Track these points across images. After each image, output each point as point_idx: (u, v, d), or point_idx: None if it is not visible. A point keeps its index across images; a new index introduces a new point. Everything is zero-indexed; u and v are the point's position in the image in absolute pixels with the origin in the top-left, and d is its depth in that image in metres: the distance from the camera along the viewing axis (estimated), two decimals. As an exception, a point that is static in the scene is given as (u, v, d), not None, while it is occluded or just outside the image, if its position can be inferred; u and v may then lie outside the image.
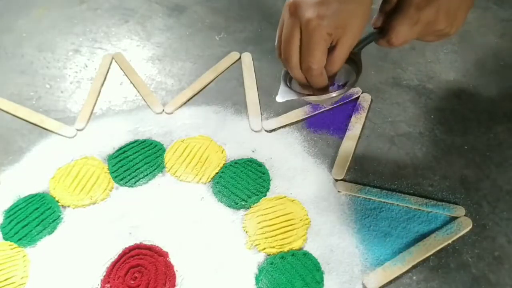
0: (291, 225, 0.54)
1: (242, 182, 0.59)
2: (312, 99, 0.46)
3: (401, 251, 0.52)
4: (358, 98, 0.68)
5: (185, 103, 0.69)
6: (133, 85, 0.73)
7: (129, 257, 0.53)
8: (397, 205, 0.56)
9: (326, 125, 0.65)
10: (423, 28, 0.43)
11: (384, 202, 0.56)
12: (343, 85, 0.46)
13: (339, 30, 0.40)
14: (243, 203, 0.57)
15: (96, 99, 0.70)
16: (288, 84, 0.47)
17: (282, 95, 0.46)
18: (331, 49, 0.41)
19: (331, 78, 0.44)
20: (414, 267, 0.51)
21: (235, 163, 0.61)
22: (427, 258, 0.51)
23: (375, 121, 0.65)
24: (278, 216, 0.55)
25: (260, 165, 0.61)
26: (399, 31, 0.43)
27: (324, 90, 0.44)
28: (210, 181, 0.60)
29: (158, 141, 0.64)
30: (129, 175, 0.60)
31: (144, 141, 0.64)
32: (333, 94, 0.44)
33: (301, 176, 0.59)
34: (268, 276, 0.50)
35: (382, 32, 0.45)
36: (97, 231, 0.55)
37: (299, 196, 0.57)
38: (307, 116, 0.66)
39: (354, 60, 0.45)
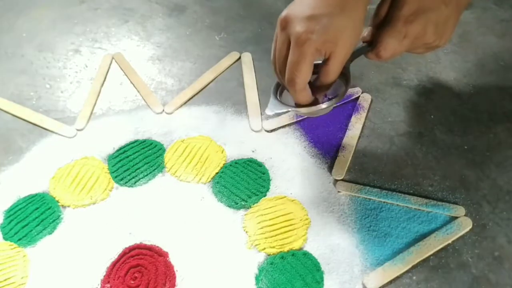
0: (291, 225, 0.54)
1: (242, 182, 0.59)
2: (303, 111, 0.46)
3: (401, 251, 0.52)
4: (358, 98, 0.68)
5: (185, 103, 0.69)
6: (133, 85, 0.73)
7: (129, 257, 0.53)
8: (397, 205, 0.56)
9: (325, 126, 0.65)
10: (412, 42, 0.44)
11: (384, 202, 0.56)
12: (334, 98, 0.47)
13: (329, 44, 0.40)
14: (243, 203, 0.57)
15: (96, 99, 0.70)
16: (278, 97, 0.47)
17: (271, 108, 0.46)
18: (324, 62, 0.42)
19: (324, 91, 0.45)
20: (414, 267, 0.51)
21: (235, 163, 0.61)
22: (427, 258, 0.51)
23: (375, 121, 0.65)
24: (278, 216, 0.55)
25: (260, 165, 0.61)
26: (387, 43, 0.43)
27: (313, 102, 0.45)
28: (210, 181, 0.60)
29: (158, 141, 0.64)
30: (129, 175, 0.60)
31: (144, 141, 0.64)
32: (323, 106, 0.45)
33: (301, 176, 0.59)
34: (268, 276, 0.50)
35: (371, 45, 0.45)
36: (97, 231, 0.55)
37: (299, 196, 0.57)
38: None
39: (343, 73, 0.45)
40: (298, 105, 0.46)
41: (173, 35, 0.81)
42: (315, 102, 0.45)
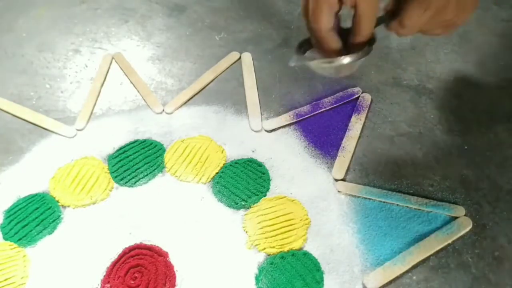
0: (291, 225, 0.54)
1: (242, 182, 0.59)
2: (324, 66, 0.44)
3: (401, 251, 0.52)
4: (358, 98, 0.68)
5: (185, 103, 0.69)
6: (133, 85, 0.73)
7: (129, 257, 0.53)
8: (397, 205, 0.56)
9: (325, 126, 0.65)
10: (433, 15, 0.43)
11: (384, 202, 0.56)
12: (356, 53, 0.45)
13: None
14: (243, 203, 0.57)
15: (96, 99, 0.70)
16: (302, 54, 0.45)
17: (294, 59, 0.45)
18: (353, 23, 0.41)
19: (361, 45, 0.43)
20: (414, 267, 0.51)
21: (235, 163, 0.61)
22: (427, 258, 0.51)
23: (375, 121, 0.65)
24: (278, 216, 0.55)
25: (260, 165, 0.61)
26: (411, 13, 0.43)
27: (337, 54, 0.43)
28: (210, 181, 0.60)
29: (158, 141, 0.64)
30: (129, 175, 0.60)
31: (144, 141, 0.64)
32: (344, 61, 0.43)
33: (301, 176, 0.59)
34: (268, 276, 0.50)
35: (393, 16, 0.44)
36: (97, 231, 0.55)
37: (299, 196, 0.57)
38: (307, 115, 0.66)
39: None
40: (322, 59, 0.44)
41: (173, 35, 0.81)
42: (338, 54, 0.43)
